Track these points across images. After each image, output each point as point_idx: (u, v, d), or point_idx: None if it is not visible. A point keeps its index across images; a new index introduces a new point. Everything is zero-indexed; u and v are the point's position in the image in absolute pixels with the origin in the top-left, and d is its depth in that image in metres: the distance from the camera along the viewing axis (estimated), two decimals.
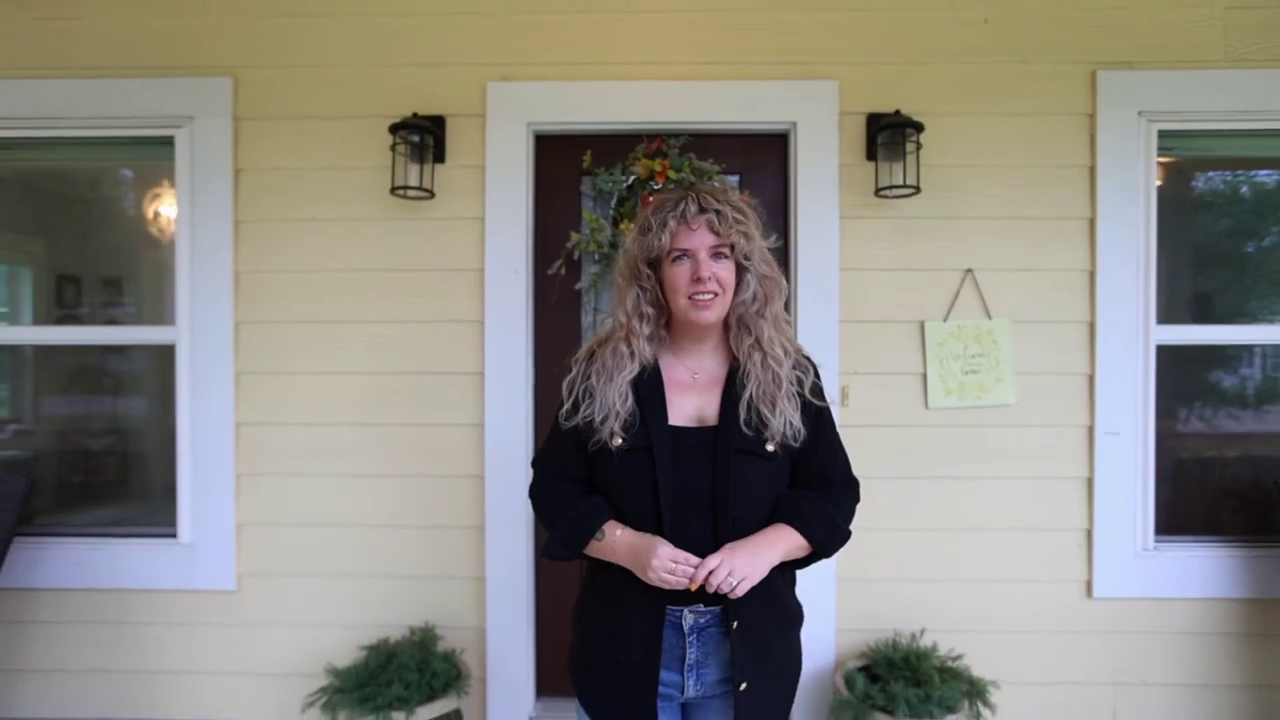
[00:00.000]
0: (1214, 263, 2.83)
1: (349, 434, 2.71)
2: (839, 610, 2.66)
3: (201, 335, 2.71)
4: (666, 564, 1.26)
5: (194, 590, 2.73)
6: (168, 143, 2.73)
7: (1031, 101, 2.63)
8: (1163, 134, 2.62)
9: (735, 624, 1.31)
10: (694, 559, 1.26)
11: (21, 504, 2.51)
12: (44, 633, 2.73)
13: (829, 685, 2.55)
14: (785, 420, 1.33)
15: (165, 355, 2.77)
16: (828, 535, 1.38)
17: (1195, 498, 2.75)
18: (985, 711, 2.32)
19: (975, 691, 2.33)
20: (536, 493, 1.49)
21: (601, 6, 2.67)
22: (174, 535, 2.74)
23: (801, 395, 1.37)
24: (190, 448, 2.73)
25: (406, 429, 2.71)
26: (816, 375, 1.44)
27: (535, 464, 1.54)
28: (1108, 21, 2.61)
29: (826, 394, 1.44)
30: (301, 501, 2.72)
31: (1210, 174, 2.86)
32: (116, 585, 2.72)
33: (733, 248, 1.35)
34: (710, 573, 1.25)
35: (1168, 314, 2.68)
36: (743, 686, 1.31)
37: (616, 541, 1.33)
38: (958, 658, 2.48)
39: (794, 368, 1.38)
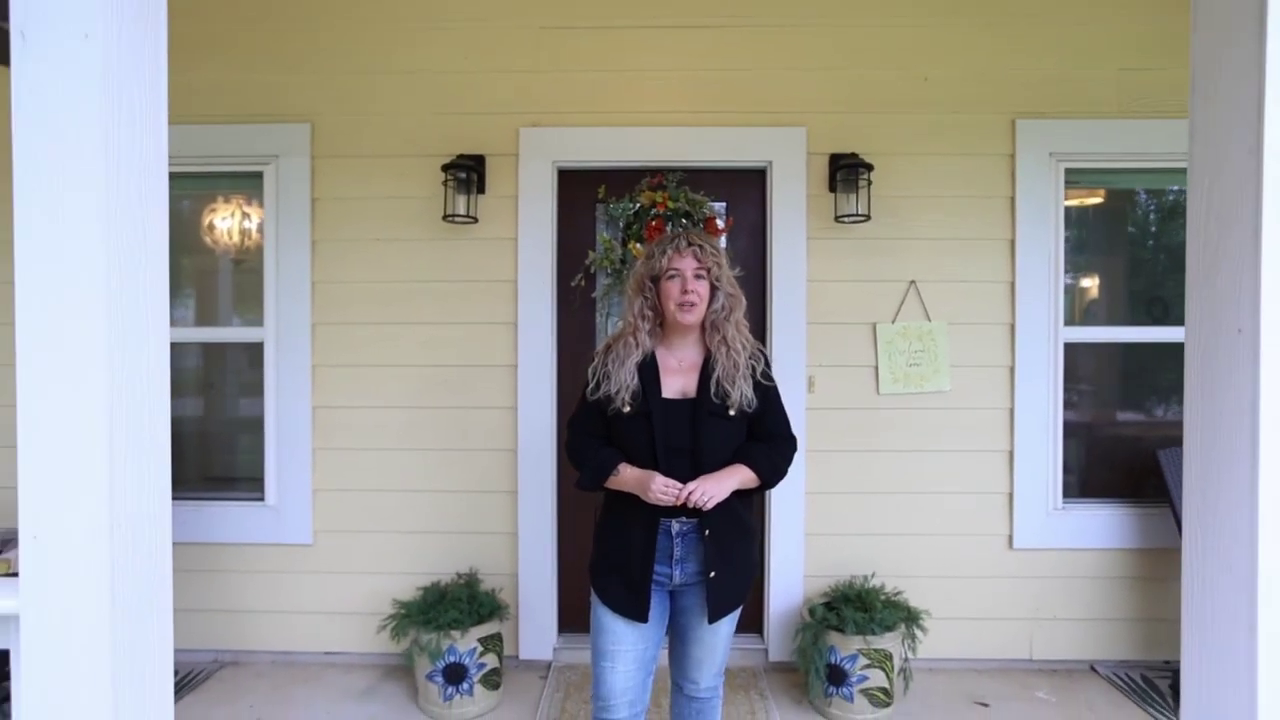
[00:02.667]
0: (1112, 275, 3.40)
1: (405, 416, 3.30)
2: (807, 560, 3.24)
3: (285, 334, 3.29)
4: (660, 487, 1.82)
5: (278, 544, 3.31)
6: (257, 177, 3.32)
7: (963, 144, 3.21)
8: (1069, 170, 3.21)
9: (707, 531, 1.89)
10: (679, 484, 1.84)
11: None
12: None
13: (798, 617, 3.13)
14: (741, 394, 1.91)
15: (255, 350, 3.35)
16: (770, 472, 1.96)
17: (1096, 467, 3.34)
18: (919, 633, 2.90)
19: (911, 617, 2.92)
20: (571, 445, 2.06)
21: (613, 66, 3.24)
22: (261, 499, 3.34)
23: (754, 377, 1.95)
24: (275, 427, 3.31)
25: (453, 411, 3.29)
26: (767, 364, 2.01)
27: (569, 427, 2.11)
28: (1025, 79, 3.19)
29: (804, 380, 2.00)
30: (366, 471, 3.30)
31: (1107, 204, 3.41)
32: (214, 540, 3.30)
33: (709, 271, 1.93)
34: (689, 493, 1.82)
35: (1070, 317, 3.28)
36: (712, 574, 1.89)
37: (626, 476, 1.91)
38: (899, 593, 3.05)
39: (750, 358, 1.95)
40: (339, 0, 3.25)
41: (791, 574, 3.23)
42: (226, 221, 3.42)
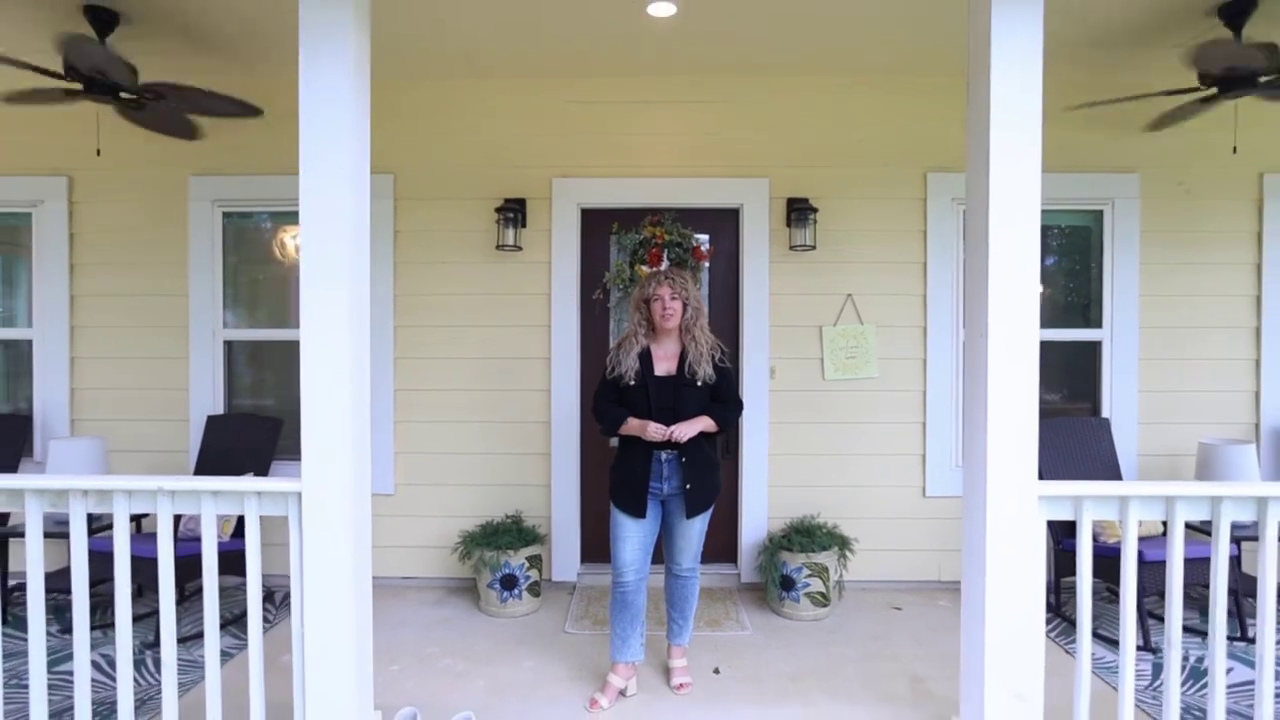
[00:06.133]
0: None
1: (465, 396, 4.34)
2: (770, 505, 4.26)
3: (374, 335, 4.28)
4: (653, 430, 2.83)
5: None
6: None
7: (888, 190, 4.23)
8: (965, 211, 4.19)
9: (684, 459, 2.91)
10: (665, 427, 2.85)
11: (275, 439, 4.16)
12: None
13: (762, 545, 4.15)
14: (704, 372, 2.93)
15: None
16: (723, 421, 2.97)
17: None
18: (849, 554, 3.92)
19: (843, 543, 3.94)
20: (595, 408, 3.06)
21: (623, 131, 4.27)
22: None
23: (714, 362, 2.97)
24: (369, 405, 4.35)
25: (501, 393, 4.33)
26: (723, 354, 3.02)
27: (595, 396, 3.09)
28: (935, 141, 4.20)
29: (768, 369, 3.08)
30: (435, 438, 4.34)
31: None
32: None
33: (679, 294, 2.94)
34: (671, 432, 2.83)
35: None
36: (688, 487, 2.91)
37: (631, 424, 2.92)
38: (836, 526, 4.07)
39: (710, 349, 2.97)
40: (417, 83, 4.29)
41: (758, 517, 4.26)
42: None
